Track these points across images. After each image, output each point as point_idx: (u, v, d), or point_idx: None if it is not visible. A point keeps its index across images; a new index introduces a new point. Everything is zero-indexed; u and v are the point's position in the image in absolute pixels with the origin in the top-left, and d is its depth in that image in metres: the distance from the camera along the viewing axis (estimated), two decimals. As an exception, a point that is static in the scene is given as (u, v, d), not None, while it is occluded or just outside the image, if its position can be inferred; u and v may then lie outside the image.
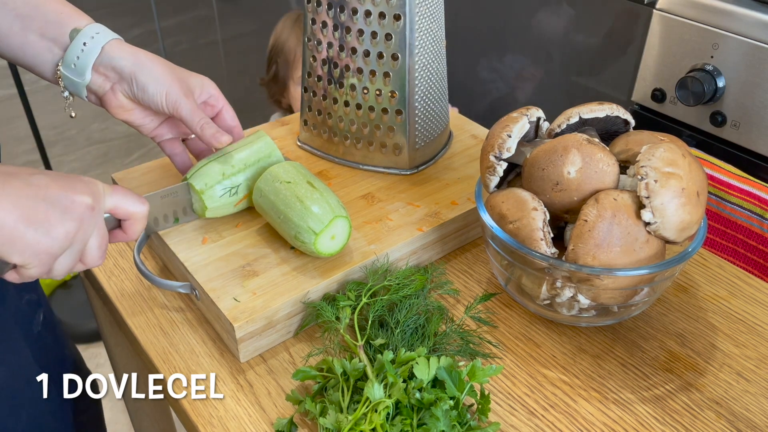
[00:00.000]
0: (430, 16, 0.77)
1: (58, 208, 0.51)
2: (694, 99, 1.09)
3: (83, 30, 0.66)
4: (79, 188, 0.53)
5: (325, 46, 0.79)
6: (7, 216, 0.48)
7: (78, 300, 1.91)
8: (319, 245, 0.66)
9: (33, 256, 0.50)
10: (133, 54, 0.67)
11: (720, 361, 0.65)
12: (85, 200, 0.52)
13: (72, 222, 0.51)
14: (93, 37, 0.66)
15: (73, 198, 0.52)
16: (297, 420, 0.59)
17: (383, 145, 0.82)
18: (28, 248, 0.50)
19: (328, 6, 0.76)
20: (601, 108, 0.67)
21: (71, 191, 0.52)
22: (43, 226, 0.50)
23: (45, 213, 0.50)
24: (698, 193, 0.61)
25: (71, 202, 0.52)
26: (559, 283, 0.62)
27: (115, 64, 0.66)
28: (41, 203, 0.50)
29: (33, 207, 0.49)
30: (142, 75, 0.66)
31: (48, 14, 0.66)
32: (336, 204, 0.68)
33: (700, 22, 1.08)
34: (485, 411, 0.56)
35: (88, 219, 0.53)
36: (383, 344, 0.62)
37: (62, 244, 0.51)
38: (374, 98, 0.80)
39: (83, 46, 0.65)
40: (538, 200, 0.63)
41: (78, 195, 0.52)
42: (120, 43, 0.67)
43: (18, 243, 0.49)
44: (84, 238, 0.53)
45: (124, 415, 1.15)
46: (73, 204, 0.52)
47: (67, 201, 0.51)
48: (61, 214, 0.51)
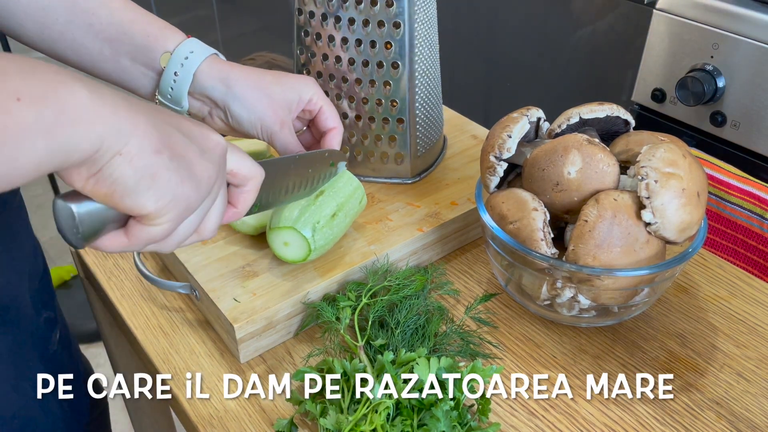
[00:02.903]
0: (426, 22, 0.76)
1: (197, 144, 0.41)
2: (694, 99, 1.09)
3: (173, 55, 0.62)
4: (208, 128, 0.43)
5: (320, 59, 0.77)
6: (146, 138, 0.37)
7: (78, 300, 1.91)
8: (271, 240, 0.66)
9: (172, 201, 0.39)
10: (223, 80, 0.62)
11: (720, 361, 0.65)
12: (220, 140, 0.43)
13: (212, 164, 0.42)
14: (183, 65, 0.61)
15: (208, 135, 0.42)
16: (297, 420, 0.59)
17: (384, 155, 0.81)
18: (168, 188, 0.39)
19: (323, 17, 0.74)
20: (601, 108, 0.67)
21: (205, 129, 0.43)
22: (185, 162, 0.39)
23: (184, 146, 0.40)
24: (698, 194, 0.61)
25: (207, 139, 0.42)
26: (559, 284, 0.62)
27: (209, 93, 0.63)
28: (179, 135, 0.40)
29: (171, 135, 0.39)
30: (235, 105, 0.63)
31: (135, 37, 0.61)
32: (306, 219, 0.65)
33: (700, 22, 1.08)
34: (485, 411, 0.56)
35: (222, 167, 0.43)
36: (383, 345, 0.62)
37: (203, 191, 0.41)
38: (374, 108, 0.79)
39: (175, 76, 0.62)
40: (539, 200, 0.63)
41: (212, 133, 0.43)
42: (210, 66, 0.63)
43: (158, 178, 0.38)
44: (218, 191, 0.43)
45: (124, 415, 1.15)
46: (210, 142, 0.42)
47: (204, 139, 0.42)
48: (201, 152, 0.41)
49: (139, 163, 0.37)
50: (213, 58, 0.63)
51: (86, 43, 0.62)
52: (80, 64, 0.64)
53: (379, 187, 0.81)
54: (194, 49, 0.62)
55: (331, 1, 0.73)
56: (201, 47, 0.63)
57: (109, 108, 0.36)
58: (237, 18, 2.44)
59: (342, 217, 0.68)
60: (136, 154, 0.37)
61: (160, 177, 0.38)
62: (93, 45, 0.62)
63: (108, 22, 0.61)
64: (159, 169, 0.38)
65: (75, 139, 0.35)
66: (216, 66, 0.63)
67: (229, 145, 0.46)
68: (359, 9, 0.73)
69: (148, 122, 0.38)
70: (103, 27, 0.61)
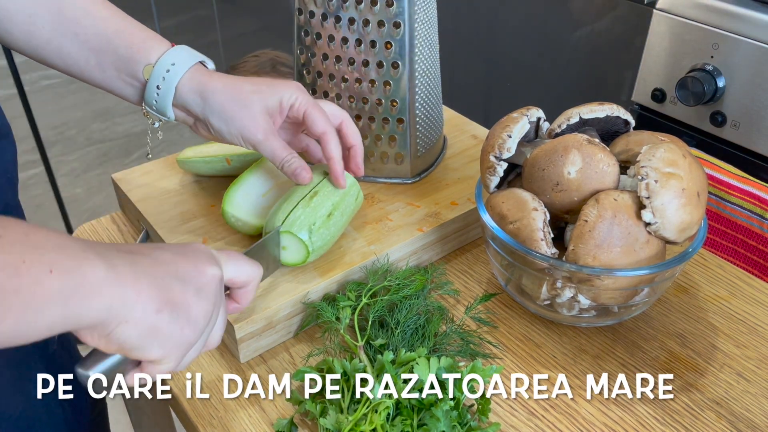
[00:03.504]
0: (427, 22, 0.76)
1: (192, 286, 0.44)
2: (694, 99, 1.09)
3: (155, 68, 0.62)
4: (203, 259, 0.46)
5: (320, 59, 0.77)
6: (149, 301, 0.41)
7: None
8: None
9: (174, 347, 0.44)
10: (200, 93, 0.62)
11: (720, 361, 0.65)
12: (215, 272, 0.46)
13: (207, 301, 0.45)
14: (164, 78, 0.61)
15: (204, 271, 0.46)
16: (297, 420, 0.59)
17: (385, 155, 0.81)
18: (170, 339, 0.43)
19: (323, 17, 0.74)
20: (601, 108, 0.67)
21: (200, 264, 0.46)
22: (183, 310, 0.43)
23: (182, 294, 0.43)
24: (698, 194, 0.61)
25: (203, 276, 0.45)
26: (559, 284, 0.62)
27: (188, 106, 0.63)
28: (176, 283, 0.43)
29: (170, 288, 0.43)
30: (213, 119, 0.63)
31: (119, 48, 0.62)
32: (302, 222, 0.65)
33: (700, 22, 1.08)
34: (485, 411, 0.56)
35: (218, 294, 0.47)
36: (383, 344, 0.62)
37: (201, 328, 0.45)
38: (374, 108, 0.79)
39: (158, 89, 0.62)
40: (539, 200, 0.63)
41: (207, 266, 0.46)
42: (191, 78, 0.62)
43: (161, 333, 0.42)
44: (216, 318, 0.47)
45: (124, 415, 1.15)
46: (205, 278, 0.45)
47: (199, 276, 0.45)
48: (197, 292, 0.45)
49: (143, 325, 0.42)
50: (195, 69, 0.63)
51: (72, 52, 0.62)
52: (69, 71, 0.64)
53: (379, 187, 0.81)
54: (176, 61, 0.62)
55: (331, 1, 0.73)
56: (184, 58, 0.62)
57: (118, 280, 0.40)
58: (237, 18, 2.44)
59: (338, 216, 0.68)
60: (140, 318, 0.41)
61: (162, 331, 0.42)
62: (79, 54, 0.62)
63: (93, 32, 0.61)
64: (161, 325, 0.42)
65: (85, 309, 0.39)
66: (196, 78, 0.62)
67: (224, 256, 0.50)
68: (359, 9, 0.73)
69: (150, 285, 0.42)
70: (88, 37, 0.61)
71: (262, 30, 2.35)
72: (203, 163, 0.80)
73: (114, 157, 2.67)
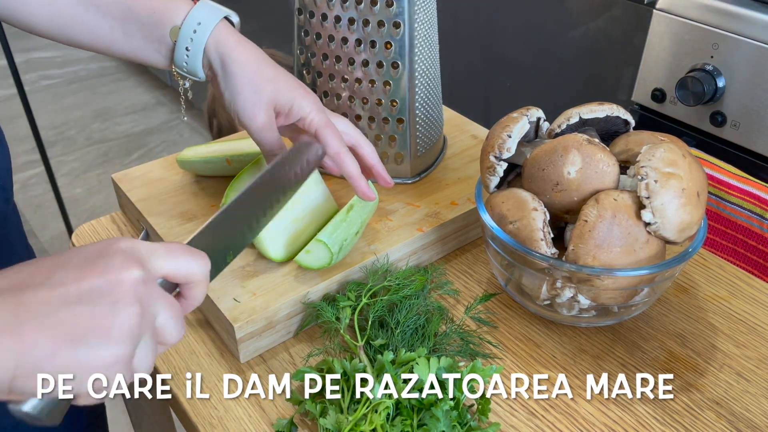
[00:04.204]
0: (427, 22, 0.76)
1: (105, 302, 0.39)
2: (694, 99, 1.09)
3: (182, 30, 0.61)
4: (118, 262, 0.40)
5: (320, 59, 0.77)
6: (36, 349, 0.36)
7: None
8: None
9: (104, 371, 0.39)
10: (222, 58, 0.62)
11: (720, 361, 0.65)
12: (132, 275, 0.40)
13: (129, 310, 0.39)
14: (192, 39, 0.61)
15: (117, 279, 0.39)
16: (297, 420, 0.59)
17: (385, 156, 0.81)
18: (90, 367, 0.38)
19: (323, 17, 0.75)
20: (601, 108, 0.67)
21: (111, 270, 0.39)
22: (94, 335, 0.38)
23: (90, 318, 0.38)
24: (698, 194, 0.61)
25: (117, 284, 0.39)
26: (559, 284, 0.62)
27: (212, 65, 0.63)
28: (79, 307, 0.38)
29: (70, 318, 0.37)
30: (225, 83, 0.63)
31: (141, 16, 0.62)
32: (337, 236, 0.66)
33: (700, 22, 1.08)
34: (485, 411, 0.56)
35: (145, 295, 0.40)
36: (383, 344, 0.62)
37: (129, 343, 0.39)
38: (374, 108, 0.79)
39: (187, 51, 0.62)
40: (539, 200, 0.63)
41: (122, 272, 0.40)
42: (217, 39, 0.62)
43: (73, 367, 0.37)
44: (151, 319, 0.41)
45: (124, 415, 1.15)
46: (121, 287, 0.39)
47: (112, 286, 0.39)
48: (111, 306, 0.39)
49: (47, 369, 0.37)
50: (221, 29, 0.62)
51: (96, 25, 0.62)
52: (95, 47, 0.64)
53: (379, 187, 0.81)
54: (201, 20, 0.62)
55: (331, 1, 0.73)
56: (209, 14, 0.62)
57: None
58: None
59: (360, 233, 0.70)
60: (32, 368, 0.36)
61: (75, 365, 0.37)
62: (103, 26, 0.62)
63: (111, 1, 0.62)
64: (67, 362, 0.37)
65: None
66: (222, 41, 0.62)
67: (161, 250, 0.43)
68: (359, 9, 0.73)
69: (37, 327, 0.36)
70: (109, 8, 0.62)
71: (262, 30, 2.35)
72: (203, 163, 0.80)
73: (114, 157, 2.68)
